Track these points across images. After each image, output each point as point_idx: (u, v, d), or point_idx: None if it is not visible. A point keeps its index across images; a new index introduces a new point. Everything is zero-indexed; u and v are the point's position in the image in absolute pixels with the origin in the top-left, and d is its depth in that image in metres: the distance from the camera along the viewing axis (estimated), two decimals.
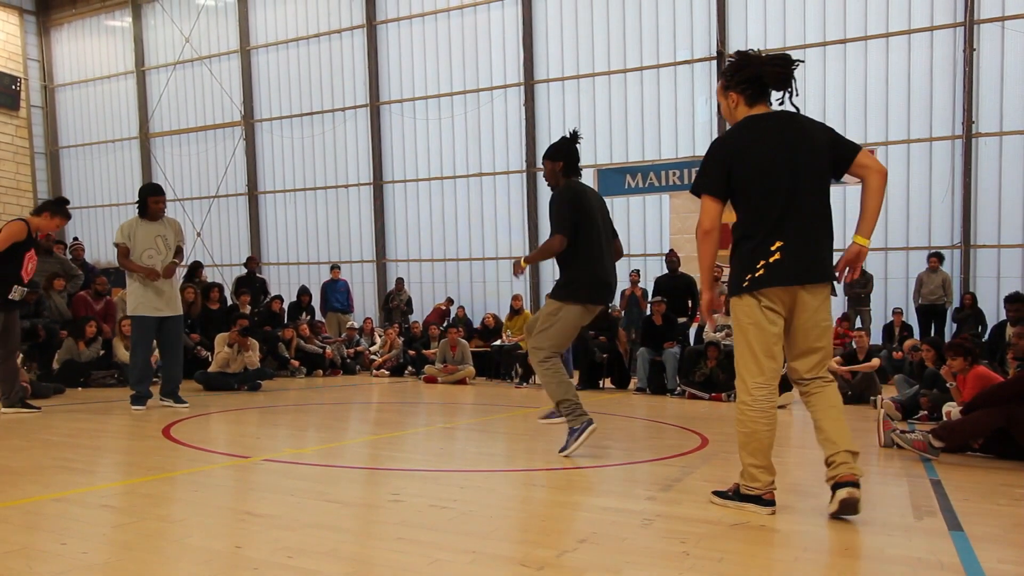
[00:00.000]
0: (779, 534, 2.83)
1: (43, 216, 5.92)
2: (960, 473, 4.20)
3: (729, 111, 3.17)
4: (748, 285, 2.97)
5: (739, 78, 3.09)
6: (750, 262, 2.98)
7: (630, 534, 2.79)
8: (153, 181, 16.44)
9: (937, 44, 12.05)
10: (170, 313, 6.50)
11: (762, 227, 2.98)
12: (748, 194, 3.00)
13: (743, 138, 3.04)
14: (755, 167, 2.99)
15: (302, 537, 2.67)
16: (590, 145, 14.29)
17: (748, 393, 3.02)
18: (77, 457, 4.32)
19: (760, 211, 2.99)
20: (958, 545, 2.72)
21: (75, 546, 2.54)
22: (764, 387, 3.01)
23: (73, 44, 19.70)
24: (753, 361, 3.00)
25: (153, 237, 6.38)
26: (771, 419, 3.02)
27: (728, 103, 3.15)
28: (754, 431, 3.01)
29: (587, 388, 9.48)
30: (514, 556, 2.52)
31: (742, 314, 3.02)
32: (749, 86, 3.08)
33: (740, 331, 3.04)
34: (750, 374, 3.01)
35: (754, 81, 3.07)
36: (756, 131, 3.04)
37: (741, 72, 3.09)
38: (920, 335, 11.17)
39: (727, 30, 13.15)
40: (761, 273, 2.95)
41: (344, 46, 16.42)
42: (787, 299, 3.00)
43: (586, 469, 4.13)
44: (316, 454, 4.54)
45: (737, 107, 3.12)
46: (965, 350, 5.72)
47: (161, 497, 3.33)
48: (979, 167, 11.87)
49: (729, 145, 3.05)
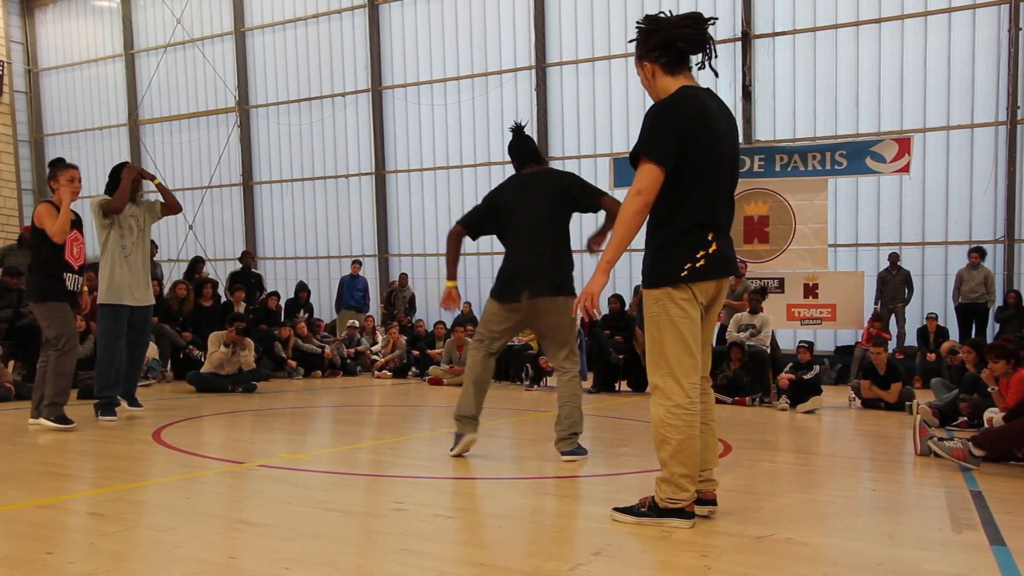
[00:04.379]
0: (807, 548, 2.82)
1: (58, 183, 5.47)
2: (1003, 484, 4.17)
3: (649, 82, 3.03)
4: (687, 275, 2.89)
5: (650, 44, 2.97)
6: (689, 251, 2.90)
7: (648, 547, 2.79)
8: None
9: (980, 23, 11.94)
10: (146, 303, 6.21)
11: (701, 213, 2.92)
12: (695, 172, 2.89)
13: (692, 109, 2.89)
14: (706, 143, 2.89)
15: (299, 547, 2.68)
16: (605, 132, 14.29)
17: (685, 395, 2.89)
18: (63, 462, 4.36)
19: (703, 194, 2.91)
20: (1000, 561, 2.70)
21: (61, 555, 2.57)
22: (697, 387, 2.95)
23: (58, 26, 19.83)
24: (688, 357, 2.91)
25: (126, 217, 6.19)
26: (698, 422, 2.94)
27: (645, 74, 3.03)
28: (689, 436, 2.89)
29: (602, 391, 9.48)
30: (524, 569, 2.53)
31: (675, 307, 2.90)
32: (663, 53, 2.96)
33: (671, 325, 2.90)
34: (684, 373, 2.90)
35: (666, 46, 2.95)
36: (701, 103, 2.92)
37: (651, 38, 2.96)
38: (960, 336, 11.09)
39: (752, 10, 13.09)
40: (702, 264, 2.90)
41: (344, 27, 16.45)
42: (713, 292, 2.99)
43: (601, 477, 4.12)
44: (314, 460, 4.56)
45: (655, 77, 3.00)
46: (1008, 352, 5.69)
47: (151, 504, 3.36)
48: None
49: (680, 113, 2.89)
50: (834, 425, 7.06)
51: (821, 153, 8.38)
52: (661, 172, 2.85)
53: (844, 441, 6.29)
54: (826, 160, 8.33)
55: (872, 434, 6.45)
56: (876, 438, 6.19)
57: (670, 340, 2.92)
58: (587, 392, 9.43)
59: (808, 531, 3.05)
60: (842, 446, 6.00)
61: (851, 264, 12.45)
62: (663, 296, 2.92)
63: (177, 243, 17.49)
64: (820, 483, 4.16)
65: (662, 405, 2.93)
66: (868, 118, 12.57)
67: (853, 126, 12.63)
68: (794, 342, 9.89)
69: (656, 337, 2.95)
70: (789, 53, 12.98)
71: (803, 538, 2.93)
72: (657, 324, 2.95)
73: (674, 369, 2.92)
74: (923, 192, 12.37)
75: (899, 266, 11.82)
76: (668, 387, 2.92)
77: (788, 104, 13.00)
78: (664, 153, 2.85)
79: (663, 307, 2.92)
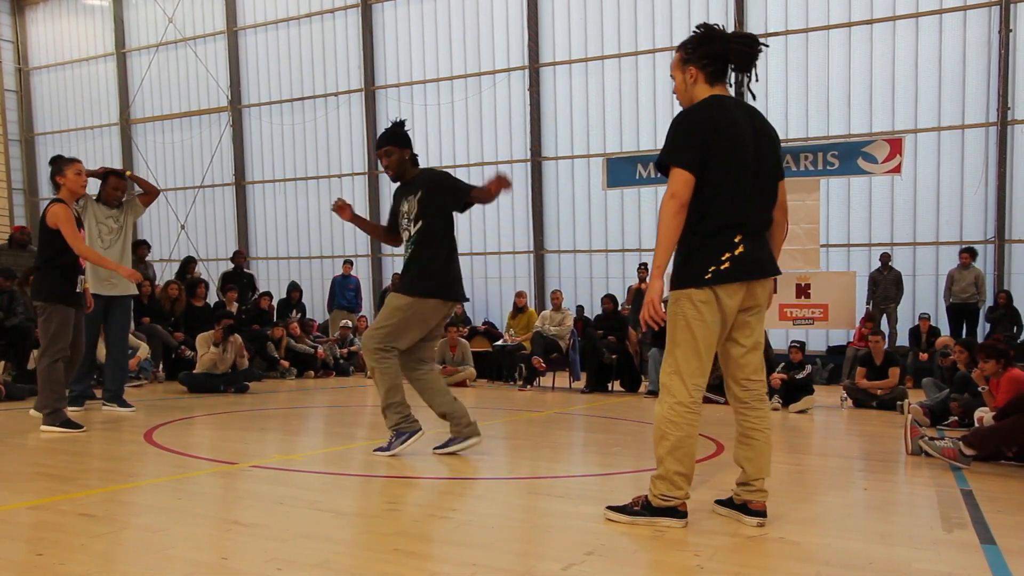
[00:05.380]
0: (799, 547, 2.83)
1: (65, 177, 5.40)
2: (993, 483, 4.19)
3: (684, 87, 3.10)
4: (711, 278, 2.92)
5: (702, 52, 3.04)
6: (715, 253, 2.94)
7: (641, 546, 2.80)
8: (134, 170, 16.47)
9: (971, 24, 12.01)
10: (121, 292, 6.09)
11: (726, 216, 2.95)
12: (717, 177, 2.94)
13: (716, 116, 2.97)
14: (728, 149, 2.94)
15: (292, 548, 2.67)
16: (599, 133, 14.30)
17: (688, 394, 2.95)
18: (54, 463, 4.34)
19: (727, 198, 2.95)
20: (991, 559, 2.72)
21: (52, 557, 2.55)
22: (701, 389, 3.00)
23: (49, 24, 19.73)
24: (695, 359, 2.96)
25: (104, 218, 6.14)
26: (698, 423, 3.01)
27: (686, 78, 3.08)
28: (688, 435, 2.95)
29: (595, 391, 9.49)
30: (517, 569, 2.53)
31: (692, 309, 2.94)
32: (711, 62, 3.03)
33: (685, 326, 2.95)
34: (690, 374, 2.96)
35: (718, 58, 3.03)
36: (727, 111, 2.99)
37: (705, 46, 3.03)
38: (951, 335, 11.14)
39: (745, 10, 13.12)
40: (727, 267, 2.93)
41: (337, 27, 16.42)
42: (742, 294, 3.00)
43: (593, 477, 4.13)
44: (307, 460, 4.55)
45: (696, 83, 3.07)
46: (998, 352, 5.71)
47: (143, 505, 3.34)
48: (1014, 156, 11.83)
49: (704, 120, 2.97)
50: (826, 425, 7.09)
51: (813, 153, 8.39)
52: (690, 175, 2.91)
53: (836, 441, 6.31)
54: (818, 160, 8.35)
55: (864, 434, 6.47)
56: (868, 438, 6.22)
57: (681, 340, 2.97)
58: (580, 392, 9.45)
59: (800, 530, 3.06)
60: (834, 446, 6.02)
61: (843, 264, 12.50)
62: (683, 297, 2.97)
63: (169, 243, 17.43)
64: (812, 483, 4.17)
65: (666, 402, 2.98)
66: (860, 119, 12.63)
67: (845, 127, 12.69)
68: (786, 342, 9.91)
69: (671, 336, 3.02)
70: (781, 54, 13.01)
71: (795, 537, 2.94)
72: (673, 323, 3.00)
73: (681, 368, 2.97)
74: (914, 193, 12.43)
75: (890, 266, 11.87)
76: (673, 385, 2.97)
77: (780, 104, 13.04)
78: (688, 158, 2.92)
79: (680, 307, 2.97)
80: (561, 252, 14.90)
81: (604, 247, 14.44)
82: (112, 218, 6.12)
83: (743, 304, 3.01)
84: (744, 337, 3.07)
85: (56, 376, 5.31)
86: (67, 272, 5.34)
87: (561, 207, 14.84)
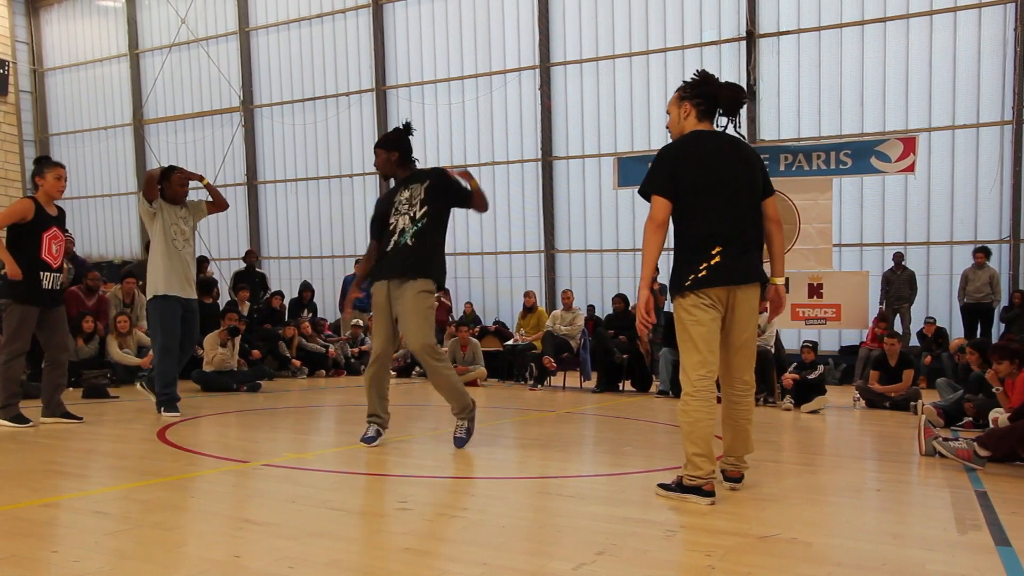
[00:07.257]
0: (811, 547, 2.82)
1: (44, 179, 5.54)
2: (1008, 484, 4.16)
3: (678, 120, 3.61)
4: (691, 284, 3.41)
5: (698, 91, 3.57)
6: (695, 263, 3.43)
7: (652, 546, 2.79)
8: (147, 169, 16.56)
9: (985, 22, 11.91)
10: (194, 296, 6.26)
11: (703, 231, 3.43)
12: (693, 200, 3.43)
13: (689, 148, 3.50)
14: (699, 175, 3.44)
15: (303, 547, 2.68)
16: (610, 132, 14.27)
17: (691, 386, 3.41)
18: (68, 460, 4.37)
19: (702, 217, 3.43)
20: (1005, 561, 2.70)
21: (66, 554, 2.57)
22: (706, 378, 3.40)
23: (63, 26, 19.88)
24: (694, 354, 3.41)
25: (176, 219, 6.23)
26: (712, 409, 3.41)
27: (680, 112, 3.60)
28: (698, 420, 3.38)
29: (606, 390, 9.48)
30: (528, 568, 2.53)
31: (684, 312, 3.43)
32: (703, 102, 3.56)
33: (682, 328, 3.45)
34: (692, 367, 3.42)
35: (709, 99, 3.57)
36: (702, 143, 3.51)
37: (701, 87, 3.57)
38: (965, 336, 11.06)
39: (758, 9, 13.07)
40: (703, 274, 3.41)
41: (349, 27, 16.47)
42: (724, 296, 3.45)
43: (604, 477, 4.13)
44: (318, 459, 4.56)
45: (687, 118, 3.58)
46: (1012, 352, 5.67)
47: (156, 503, 3.36)
48: None
49: (677, 152, 3.51)
50: (838, 425, 7.05)
51: (826, 152, 8.32)
52: (665, 201, 3.44)
53: (848, 441, 6.27)
54: (831, 159, 8.28)
55: (876, 434, 6.43)
56: (880, 438, 6.18)
57: (682, 340, 3.48)
58: (591, 392, 9.44)
59: (812, 531, 3.04)
60: (846, 446, 5.99)
61: (856, 264, 12.43)
62: (676, 305, 3.49)
63: None
64: (824, 483, 4.15)
65: (681, 395, 3.47)
66: (873, 117, 12.55)
67: (858, 125, 12.61)
68: (798, 342, 9.88)
69: (679, 338, 3.51)
70: (794, 52, 12.96)
71: (807, 538, 2.93)
72: (676, 327, 3.50)
73: (684, 364, 3.46)
74: (928, 192, 12.34)
75: (904, 266, 11.79)
76: (683, 379, 3.47)
77: (793, 103, 12.98)
78: (659, 185, 3.46)
79: (678, 313, 3.48)
80: (572, 252, 14.89)
81: (615, 246, 14.42)
82: (183, 219, 6.22)
83: (729, 306, 3.46)
84: (734, 337, 3.52)
85: (11, 374, 5.48)
86: (29, 268, 5.37)
87: (572, 206, 14.83)
